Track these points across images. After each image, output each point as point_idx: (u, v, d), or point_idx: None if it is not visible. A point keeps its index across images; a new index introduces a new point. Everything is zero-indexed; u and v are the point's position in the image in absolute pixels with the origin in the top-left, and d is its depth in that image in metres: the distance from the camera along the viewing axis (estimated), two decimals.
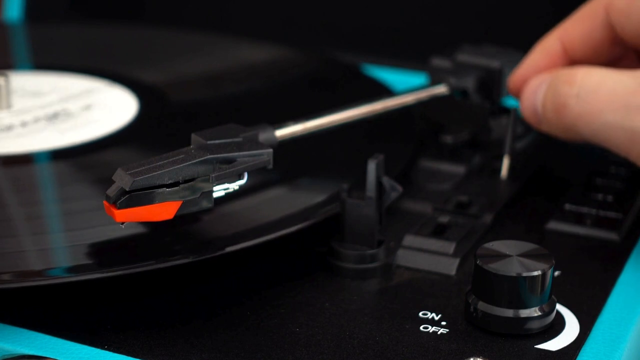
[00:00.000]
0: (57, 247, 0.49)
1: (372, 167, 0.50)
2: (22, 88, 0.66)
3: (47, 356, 0.45)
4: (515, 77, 0.59)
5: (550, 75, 0.56)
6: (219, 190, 0.47)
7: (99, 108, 0.63)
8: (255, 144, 0.49)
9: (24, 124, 0.61)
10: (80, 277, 0.46)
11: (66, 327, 0.46)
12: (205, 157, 0.46)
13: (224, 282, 0.50)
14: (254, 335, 0.46)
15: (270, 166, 0.49)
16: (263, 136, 0.51)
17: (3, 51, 0.75)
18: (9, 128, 0.60)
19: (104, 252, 0.47)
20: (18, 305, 0.48)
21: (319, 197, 0.53)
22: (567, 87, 0.53)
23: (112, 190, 0.45)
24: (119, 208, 0.45)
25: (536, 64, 0.58)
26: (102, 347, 0.45)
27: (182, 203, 0.46)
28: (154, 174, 0.45)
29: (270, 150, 0.49)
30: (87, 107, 0.63)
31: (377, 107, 0.56)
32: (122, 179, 0.45)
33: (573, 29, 0.58)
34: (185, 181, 0.46)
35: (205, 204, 0.47)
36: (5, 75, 0.63)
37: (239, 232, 0.49)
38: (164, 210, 0.46)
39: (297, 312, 0.48)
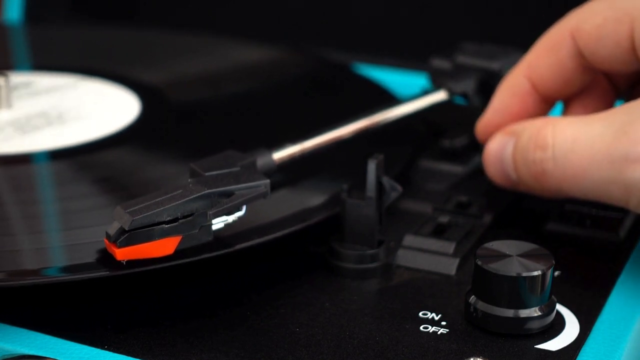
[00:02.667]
0: (56, 247, 0.49)
1: (372, 167, 0.50)
2: (22, 88, 0.66)
3: (47, 356, 0.45)
4: (483, 124, 0.56)
5: (511, 135, 0.52)
6: (218, 223, 0.48)
7: (100, 108, 0.63)
8: (253, 174, 0.49)
9: (24, 124, 0.61)
10: (78, 277, 0.46)
11: (66, 327, 0.46)
12: (203, 192, 0.47)
13: (224, 282, 0.50)
14: (254, 335, 0.46)
15: (268, 196, 0.49)
16: (261, 162, 0.51)
17: (3, 52, 0.75)
18: (9, 128, 0.60)
19: (103, 251, 0.47)
20: (18, 305, 0.48)
21: (319, 198, 0.53)
22: (540, 152, 0.50)
23: (112, 229, 0.45)
24: (119, 247, 0.45)
25: (504, 107, 0.55)
26: (102, 347, 0.45)
27: (182, 238, 0.46)
28: (152, 212, 0.45)
29: (267, 181, 0.49)
30: (88, 107, 0.63)
31: (377, 120, 0.56)
32: (121, 218, 0.45)
33: (539, 63, 0.54)
34: (184, 216, 0.46)
35: (205, 238, 0.47)
36: (6, 76, 0.63)
37: (239, 232, 0.49)
38: (163, 247, 0.46)
39: (297, 312, 0.48)
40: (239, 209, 0.48)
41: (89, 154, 0.57)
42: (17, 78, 0.67)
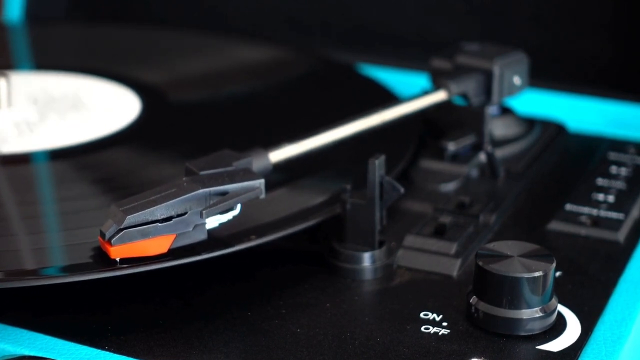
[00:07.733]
0: (55, 247, 0.49)
1: (373, 167, 0.50)
2: (22, 88, 0.66)
3: (47, 356, 0.45)
4: None
5: None
6: (212, 222, 0.47)
7: (100, 108, 0.63)
8: (248, 174, 0.49)
9: (24, 124, 0.61)
10: (78, 278, 0.46)
11: (66, 327, 0.46)
12: (197, 192, 0.47)
13: (225, 283, 0.50)
14: (254, 336, 0.46)
15: (263, 196, 0.49)
16: (257, 162, 0.51)
17: (4, 51, 0.75)
18: (10, 128, 0.60)
19: (102, 252, 0.47)
20: (18, 305, 0.48)
21: (320, 198, 0.53)
22: None
23: (106, 227, 0.46)
24: (113, 245, 0.45)
25: None
26: (103, 348, 0.45)
27: (176, 237, 0.46)
28: (146, 210, 0.45)
29: (262, 180, 0.49)
30: (88, 107, 0.63)
31: (375, 121, 0.56)
32: (116, 216, 0.45)
33: None
34: (178, 215, 0.46)
35: (199, 237, 0.47)
36: (6, 75, 0.63)
37: (239, 232, 0.49)
38: (158, 245, 0.46)
39: (298, 313, 0.48)
40: (234, 208, 0.48)
41: (89, 154, 0.57)
42: (18, 77, 0.67)
